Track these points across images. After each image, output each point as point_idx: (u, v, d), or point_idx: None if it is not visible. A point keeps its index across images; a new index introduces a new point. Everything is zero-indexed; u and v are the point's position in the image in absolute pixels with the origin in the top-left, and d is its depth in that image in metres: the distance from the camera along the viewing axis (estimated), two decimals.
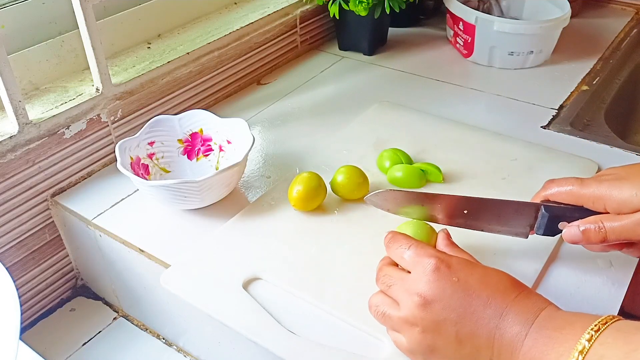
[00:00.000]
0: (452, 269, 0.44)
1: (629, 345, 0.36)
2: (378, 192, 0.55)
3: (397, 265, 0.49)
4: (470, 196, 0.54)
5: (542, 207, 0.52)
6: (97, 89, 0.70)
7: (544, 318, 0.41)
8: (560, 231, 0.52)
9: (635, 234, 0.47)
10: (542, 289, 0.55)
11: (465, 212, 0.54)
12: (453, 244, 0.51)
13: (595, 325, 0.38)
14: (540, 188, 0.54)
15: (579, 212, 0.50)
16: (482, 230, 0.55)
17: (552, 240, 0.59)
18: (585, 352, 0.37)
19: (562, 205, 0.52)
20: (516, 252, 0.57)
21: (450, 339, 0.43)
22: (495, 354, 0.42)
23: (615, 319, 0.39)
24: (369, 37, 0.99)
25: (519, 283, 0.45)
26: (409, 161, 0.69)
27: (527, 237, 0.55)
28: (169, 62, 0.77)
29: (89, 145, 0.71)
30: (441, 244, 0.51)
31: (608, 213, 0.49)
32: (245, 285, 0.56)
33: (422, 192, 0.55)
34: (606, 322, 0.39)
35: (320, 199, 0.63)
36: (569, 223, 0.51)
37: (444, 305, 0.43)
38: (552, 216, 0.51)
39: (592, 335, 0.38)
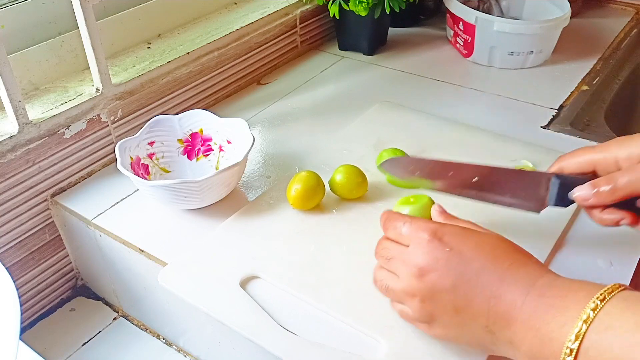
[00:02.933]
0: (445, 238, 0.45)
1: (637, 316, 0.36)
2: (391, 159, 0.57)
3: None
4: (482, 165, 0.54)
5: (553, 176, 0.52)
6: (97, 89, 0.70)
7: (543, 285, 0.41)
8: (572, 202, 0.51)
9: None
10: None
11: (476, 179, 0.54)
12: (448, 215, 0.51)
13: (601, 294, 0.38)
14: (581, 147, 0.54)
15: (590, 180, 0.50)
16: (494, 203, 0.55)
17: (551, 237, 0.59)
18: (590, 322, 0.37)
19: (573, 175, 0.52)
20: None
21: (447, 308, 0.44)
22: (491, 321, 0.42)
23: (622, 288, 0.38)
24: (369, 37, 0.99)
25: (516, 249, 0.45)
26: None
27: (539, 212, 0.54)
28: (169, 62, 0.77)
29: (89, 145, 0.71)
30: (436, 216, 0.52)
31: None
32: (243, 284, 0.56)
33: (433, 160, 0.55)
34: (612, 291, 0.38)
35: (318, 198, 0.63)
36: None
37: (439, 274, 0.44)
38: (563, 184, 0.51)
39: (597, 305, 0.37)
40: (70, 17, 0.66)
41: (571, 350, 0.37)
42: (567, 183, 0.51)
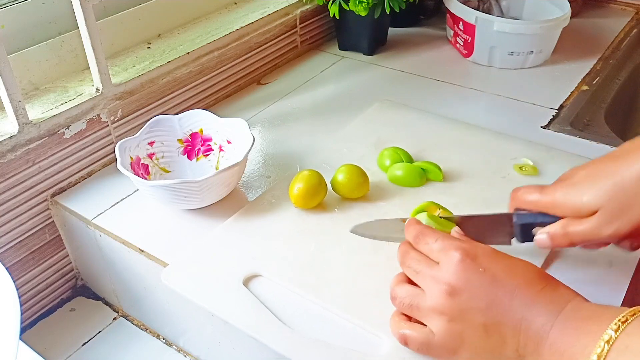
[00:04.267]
0: (478, 259, 0.45)
1: None
2: (362, 224, 0.57)
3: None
4: (450, 216, 0.56)
5: (514, 215, 0.53)
6: (97, 89, 0.70)
7: (571, 310, 0.41)
8: None
9: (598, 236, 0.48)
10: None
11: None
12: (468, 239, 0.51)
13: (623, 317, 0.38)
14: (532, 186, 0.54)
15: (550, 217, 0.51)
16: None
17: None
18: (612, 342, 0.37)
19: (533, 212, 0.53)
20: (514, 252, 0.57)
21: (478, 329, 0.43)
22: (522, 344, 0.42)
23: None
24: (369, 37, 0.99)
25: (545, 274, 0.45)
26: (410, 160, 0.69)
27: (511, 244, 0.55)
28: (169, 62, 0.77)
29: (89, 145, 0.71)
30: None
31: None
32: (246, 282, 0.56)
33: (403, 220, 0.56)
34: (634, 314, 0.38)
35: (320, 197, 0.63)
36: (542, 228, 0.52)
37: (471, 294, 0.43)
38: (524, 224, 0.53)
39: (619, 326, 0.38)
40: (70, 17, 0.66)
41: None
42: (527, 222, 0.52)
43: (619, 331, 0.37)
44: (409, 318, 0.48)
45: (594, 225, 0.48)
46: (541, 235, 0.51)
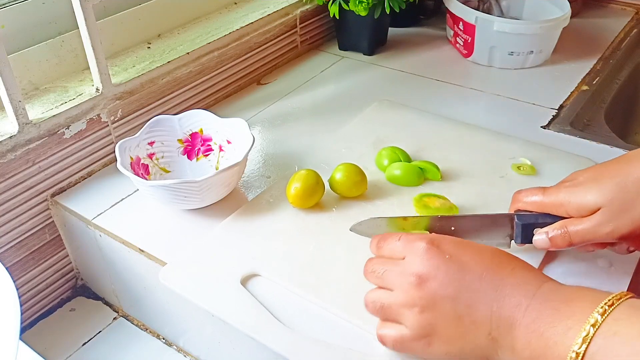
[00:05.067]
0: (443, 247, 0.45)
1: None
2: (361, 222, 0.56)
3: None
4: (449, 215, 0.57)
5: (515, 216, 0.54)
6: (97, 89, 0.70)
7: (548, 291, 0.41)
8: None
9: (597, 235, 0.48)
10: None
11: (453, 229, 0.55)
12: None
13: (609, 300, 0.38)
14: (535, 187, 0.55)
15: (550, 217, 0.52)
16: None
17: None
18: (597, 326, 0.37)
19: (534, 213, 0.53)
20: (514, 252, 0.57)
21: (449, 316, 0.43)
22: (494, 327, 0.41)
23: (629, 296, 0.39)
24: (369, 37, 0.99)
25: (514, 257, 0.45)
26: (408, 159, 0.69)
27: (509, 247, 0.56)
28: (169, 62, 0.77)
29: (89, 145, 0.71)
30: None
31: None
32: (244, 282, 0.56)
33: (403, 217, 0.56)
34: (620, 298, 0.38)
35: (318, 197, 0.63)
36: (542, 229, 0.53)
37: (439, 282, 0.43)
38: (525, 224, 0.53)
39: (605, 310, 0.37)
40: (70, 17, 0.66)
41: (577, 354, 0.37)
42: (528, 223, 0.53)
43: (606, 315, 0.37)
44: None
45: (594, 223, 0.48)
46: (540, 235, 0.52)
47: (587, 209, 0.48)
